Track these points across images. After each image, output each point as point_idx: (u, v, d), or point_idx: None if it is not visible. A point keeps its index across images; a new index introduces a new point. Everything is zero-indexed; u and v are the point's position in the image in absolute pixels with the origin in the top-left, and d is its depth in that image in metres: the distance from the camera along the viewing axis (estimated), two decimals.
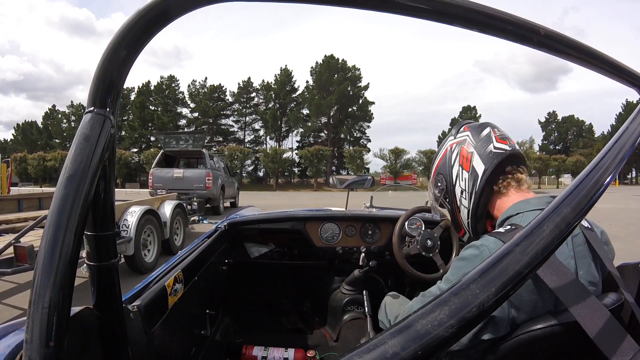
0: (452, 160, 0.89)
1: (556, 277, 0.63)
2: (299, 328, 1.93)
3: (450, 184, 0.89)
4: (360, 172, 31.79)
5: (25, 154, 34.91)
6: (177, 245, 4.90)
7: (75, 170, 0.39)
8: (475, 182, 0.83)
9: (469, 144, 0.86)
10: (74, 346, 0.56)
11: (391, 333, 0.32)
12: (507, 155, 0.81)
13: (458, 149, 0.88)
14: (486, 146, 0.83)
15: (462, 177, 0.86)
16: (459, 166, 0.86)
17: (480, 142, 0.84)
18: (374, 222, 1.85)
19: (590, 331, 0.57)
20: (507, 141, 0.83)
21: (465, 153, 0.86)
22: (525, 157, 0.86)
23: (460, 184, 0.86)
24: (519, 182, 0.82)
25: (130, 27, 0.39)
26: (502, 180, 0.82)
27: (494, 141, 0.83)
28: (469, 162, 0.84)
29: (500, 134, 0.85)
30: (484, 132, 0.85)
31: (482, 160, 0.82)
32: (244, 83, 43.26)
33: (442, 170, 0.91)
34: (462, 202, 0.87)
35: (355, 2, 0.39)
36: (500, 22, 0.41)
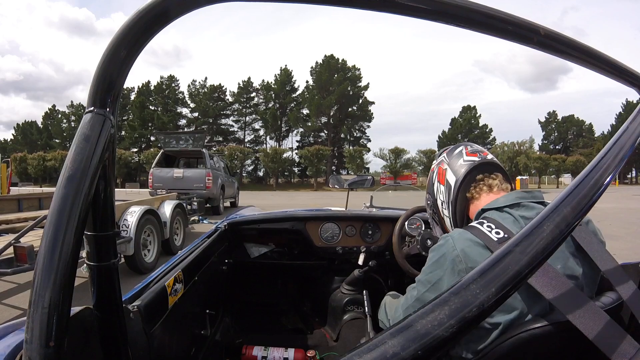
0: (433, 179, 1.02)
1: (546, 280, 0.63)
2: (299, 328, 1.93)
3: (434, 200, 1.02)
4: (360, 172, 31.83)
5: (25, 154, 34.91)
6: (177, 245, 4.90)
7: (75, 170, 0.39)
8: (450, 192, 0.94)
9: (443, 162, 0.99)
10: (74, 346, 0.56)
11: (391, 333, 0.32)
12: (476, 165, 0.91)
13: (437, 169, 1.01)
14: (457, 161, 0.95)
15: (440, 190, 0.98)
16: (437, 182, 1.00)
17: (453, 158, 0.96)
18: (374, 222, 1.85)
19: (589, 333, 0.57)
20: (477, 154, 0.94)
21: (441, 170, 0.99)
22: (499, 165, 0.94)
23: (440, 197, 0.99)
24: (490, 186, 0.90)
25: (130, 27, 0.39)
26: (474, 187, 0.91)
27: (464, 156, 0.95)
28: (444, 176, 0.97)
29: (472, 149, 0.96)
30: (457, 150, 0.98)
31: (454, 172, 0.94)
32: (244, 83, 43.26)
33: (429, 191, 1.06)
34: (444, 212, 0.98)
35: (355, 2, 0.39)
36: (500, 22, 0.41)
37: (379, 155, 36.24)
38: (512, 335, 0.66)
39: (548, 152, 41.11)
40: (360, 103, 41.46)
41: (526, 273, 0.36)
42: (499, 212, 0.80)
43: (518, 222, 0.75)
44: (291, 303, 2.05)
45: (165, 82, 42.87)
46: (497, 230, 0.73)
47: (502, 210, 0.80)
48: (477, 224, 0.77)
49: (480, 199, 0.89)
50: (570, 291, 0.63)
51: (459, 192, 0.91)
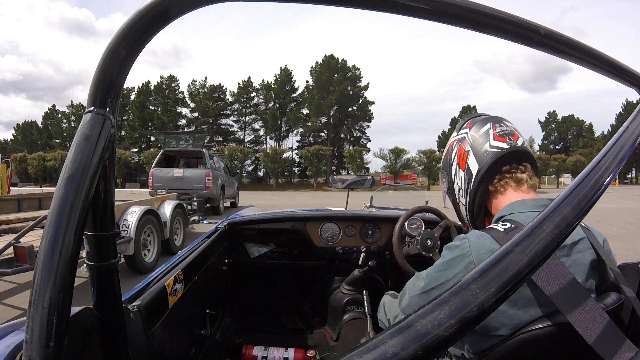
0: (452, 158, 0.89)
1: (554, 281, 0.62)
2: (299, 328, 1.93)
3: (450, 182, 0.90)
4: (360, 172, 31.81)
5: (25, 154, 34.90)
6: (177, 245, 4.90)
7: (75, 170, 0.39)
8: (470, 181, 0.82)
9: (467, 142, 0.84)
10: (74, 346, 0.56)
11: (391, 333, 0.32)
12: (504, 154, 0.79)
13: (457, 147, 0.87)
14: (482, 144, 0.81)
15: (459, 175, 0.86)
16: (457, 165, 0.87)
17: (478, 139, 0.82)
18: (374, 222, 1.85)
19: (587, 335, 0.56)
20: (506, 138, 0.80)
21: (462, 151, 0.85)
22: (530, 153, 0.82)
23: (457, 182, 0.87)
24: (518, 181, 0.79)
25: (130, 27, 0.39)
26: (499, 179, 0.80)
27: (491, 139, 0.81)
28: (465, 161, 0.84)
29: (501, 131, 0.81)
30: (483, 128, 0.83)
31: (477, 159, 0.81)
32: (244, 83, 43.25)
33: (444, 168, 0.92)
34: (460, 199, 0.88)
35: (355, 2, 0.39)
36: (500, 22, 0.41)
37: (379, 155, 36.24)
38: (513, 336, 0.66)
39: (548, 152, 41.10)
40: (360, 103, 41.45)
41: (526, 273, 0.36)
42: (525, 216, 0.73)
43: None
44: (291, 303, 2.05)
45: (165, 82, 42.86)
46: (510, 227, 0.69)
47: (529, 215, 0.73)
48: (498, 227, 0.70)
49: (506, 194, 0.79)
50: (573, 288, 0.62)
51: (481, 182, 0.80)
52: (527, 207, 0.75)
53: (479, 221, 0.87)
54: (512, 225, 0.69)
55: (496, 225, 0.71)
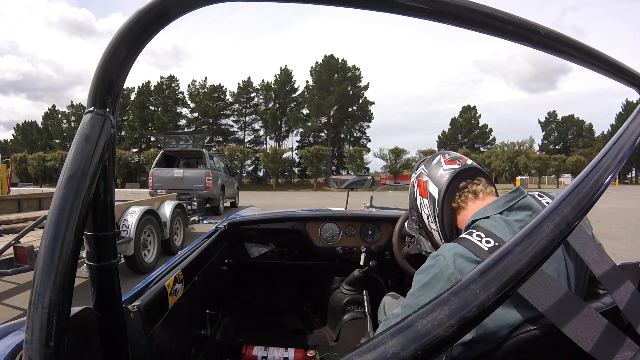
0: (415, 193, 0.98)
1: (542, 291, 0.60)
2: (299, 328, 1.93)
3: (419, 215, 0.97)
4: (360, 172, 31.83)
5: (25, 154, 34.93)
6: (177, 245, 4.90)
7: (75, 170, 0.39)
8: (435, 204, 0.89)
9: (423, 174, 0.95)
10: (74, 346, 0.56)
11: (391, 333, 0.32)
12: (457, 172, 0.87)
13: (417, 182, 0.97)
14: (437, 171, 0.90)
15: (424, 204, 0.94)
16: (420, 196, 0.95)
17: (432, 169, 0.92)
18: (374, 222, 1.85)
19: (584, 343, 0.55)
20: (456, 161, 0.90)
21: (421, 183, 0.95)
22: (480, 168, 0.90)
23: (424, 211, 0.94)
24: (476, 193, 0.86)
25: (130, 27, 0.39)
26: (459, 196, 0.87)
27: (443, 165, 0.90)
28: (426, 189, 0.92)
29: (450, 157, 0.92)
30: (434, 160, 0.94)
31: (435, 184, 0.90)
32: (244, 83, 43.26)
33: (412, 205, 1.01)
34: (431, 226, 0.94)
35: (355, 2, 0.39)
36: (500, 22, 0.41)
37: (379, 155, 36.29)
38: (513, 336, 0.66)
39: (548, 152, 41.13)
40: (360, 103, 41.47)
41: (526, 273, 0.36)
42: (489, 220, 0.77)
43: (511, 227, 0.73)
44: (291, 303, 2.05)
45: (165, 82, 42.88)
46: (487, 239, 0.71)
47: (493, 217, 0.77)
48: (467, 235, 0.74)
49: (467, 208, 0.85)
50: (565, 297, 0.60)
51: (444, 203, 0.87)
52: (488, 211, 0.79)
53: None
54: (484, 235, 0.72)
55: (469, 236, 0.73)
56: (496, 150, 36.65)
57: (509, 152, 35.48)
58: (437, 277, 0.71)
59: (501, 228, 0.73)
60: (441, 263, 0.72)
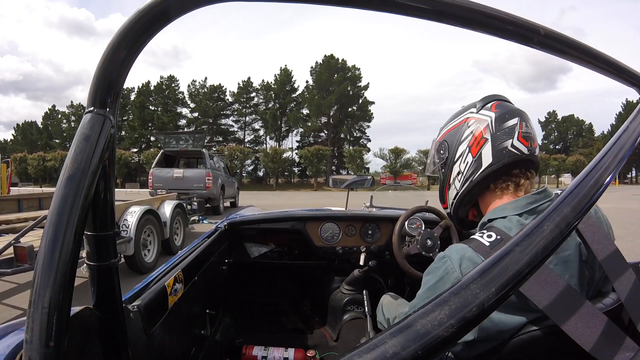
0: (463, 136, 0.80)
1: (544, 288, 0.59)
2: (299, 328, 1.93)
3: (451, 159, 0.82)
4: (360, 172, 31.80)
5: (25, 154, 34.92)
6: (177, 245, 4.90)
7: (75, 170, 0.39)
8: (476, 171, 0.77)
9: (488, 128, 0.76)
10: (74, 346, 0.56)
11: (391, 333, 0.32)
12: (521, 159, 0.74)
13: (474, 128, 0.79)
14: (504, 140, 0.74)
15: (465, 159, 0.79)
16: (467, 147, 0.79)
17: (501, 132, 0.75)
18: (374, 221, 1.85)
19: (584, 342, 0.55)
20: (529, 142, 0.75)
21: (479, 136, 0.77)
22: (539, 164, 0.79)
23: (460, 165, 0.80)
24: (518, 185, 0.77)
25: (130, 27, 0.39)
26: (503, 181, 0.77)
27: (515, 137, 0.74)
28: (479, 148, 0.76)
29: (526, 132, 0.75)
30: (510, 122, 0.75)
31: (493, 152, 0.75)
32: (244, 83, 43.26)
33: (449, 140, 0.84)
34: (454, 182, 0.82)
35: (355, 2, 0.39)
36: (500, 22, 0.41)
37: (379, 155, 36.28)
38: (513, 337, 0.65)
39: (548, 151, 41.09)
40: (360, 103, 41.47)
41: (526, 273, 0.36)
42: (505, 220, 0.71)
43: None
44: (291, 303, 2.05)
45: (165, 82, 42.87)
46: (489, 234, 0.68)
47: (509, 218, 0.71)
48: (478, 236, 0.69)
49: (502, 198, 0.77)
50: (566, 294, 0.60)
51: (487, 178, 0.76)
52: (506, 211, 0.73)
53: (462, 209, 0.84)
54: (499, 237, 0.68)
55: (480, 237, 0.69)
56: None
57: None
58: (444, 280, 0.68)
59: (515, 231, 0.66)
60: (447, 266, 0.69)
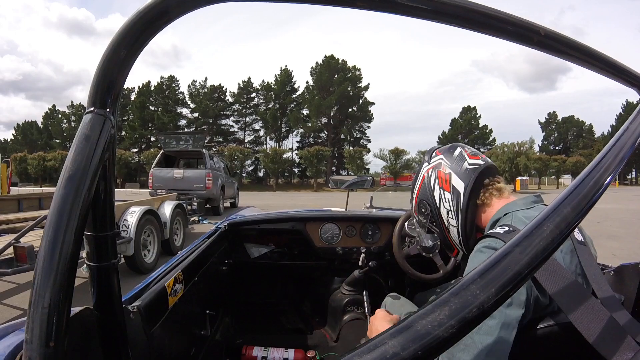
0: (432, 184, 0.92)
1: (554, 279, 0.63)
2: (299, 328, 1.93)
3: (435, 208, 0.91)
4: (360, 173, 31.81)
5: (25, 154, 34.94)
6: (177, 245, 4.89)
7: (75, 170, 0.39)
8: (459, 199, 0.86)
9: (445, 165, 0.89)
10: (74, 346, 0.56)
11: (391, 333, 0.32)
12: (483, 168, 0.85)
13: (435, 173, 0.91)
14: (461, 164, 0.87)
15: (445, 198, 0.88)
16: (440, 188, 0.89)
17: (455, 162, 0.88)
18: (374, 222, 1.85)
19: (588, 334, 0.57)
20: (478, 156, 0.88)
21: (443, 175, 0.89)
22: (497, 168, 0.90)
23: (444, 205, 0.89)
24: (500, 191, 0.85)
25: (130, 27, 0.39)
26: (483, 193, 0.85)
27: (467, 159, 0.87)
28: (449, 182, 0.87)
29: (471, 151, 0.89)
30: (456, 152, 0.89)
31: (461, 178, 0.86)
32: (244, 83, 43.30)
33: (423, 197, 0.94)
34: (450, 222, 0.89)
35: (355, 2, 0.39)
36: (500, 22, 0.41)
37: (379, 155, 36.31)
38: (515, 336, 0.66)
39: (548, 152, 41.13)
40: (361, 103, 41.49)
41: (526, 273, 0.36)
42: (517, 215, 0.77)
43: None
44: (291, 303, 2.05)
45: (165, 83, 42.91)
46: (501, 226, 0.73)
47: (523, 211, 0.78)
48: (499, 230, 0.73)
49: (492, 205, 0.84)
50: (574, 286, 0.63)
51: (470, 198, 0.84)
52: (518, 205, 0.80)
53: (471, 240, 0.89)
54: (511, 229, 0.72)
55: (495, 230, 0.73)
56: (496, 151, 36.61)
57: (509, 153, 35.42)
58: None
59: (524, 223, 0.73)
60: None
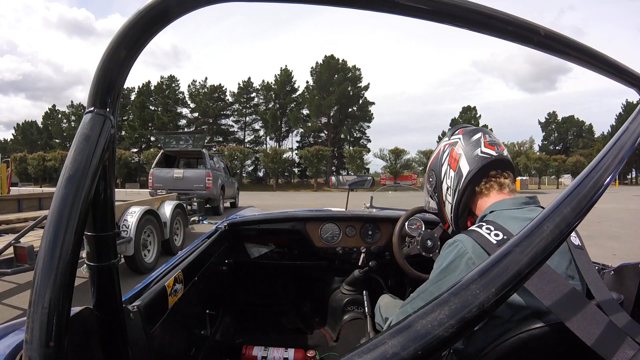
0: (443, 159, 0.95)
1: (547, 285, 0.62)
2: (299, 328, 1.93)
3: (439, 181, 0.96)
4: (360, 173, 31.81)
5: (25, 154, 34.93)
6: (177, 245, 4.89)
7: (75, 170, 0.39)
8: (460, 181, 0.89)
9: (459, 146, 0.92)
10: (74, 346, 0.56)
11: (391, 333, 0.32)
12: (492, 160, 0.87)
13: (449, 150, 0.94)
14: (474, 150, 0.89)
15: (449, 175, 0.92)
16: (448, 165, 0.93)
17: (469, 145, 0.90)
18: (374, 222, 1.85)
19: (586, 337, 0.57)
20: (495, 147, 0.89)
21: (454, 154, 0.92)
22: (512, 163, 0.91)
23: (446, 182, 0.93)
24: (501, 185, 0.87)
25: (130, 27, 0.39)
26: (485, 182, 0.87)
27: (482, 146, 0.89)
28: (457, 162, 0.91)
29: (490, 140, 0.90)
30: (475, 136, 0.91)
31: (468, 162, 0.88)
32: (244, 83, 43.27)
33: (433, 167, 0.99)
34: (447, 197, 0.94)
35: (355, 2, 0.39)
36: (500, 22, 0.41)
37: (379, 155, 36.32)
38: (512, 336, 0.66)
39: (548, 152, 41.10)
40: (361, 103, 41.48)
41: (526, 273, 0.36)
42: (505, 212, 0.79)
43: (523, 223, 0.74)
44: (291, 303, 2.05)
45: (165, 82, 42.89)
46: (496, 232, 0.73)
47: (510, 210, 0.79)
48: (476, 228, 0.76)
49: (490, 197, 0.87)
50: (569, 293, 0.62)
51: (470, 183, 0.87)
52: (506, 205, 0.82)
53: (461, 220, 0.93)
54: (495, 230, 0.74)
55: (479, 229, 0.75)
56: None
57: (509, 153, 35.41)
58: (457, 262, 0.74)
59: (514, 223, 0.75)
60: (460, 248, 0.74)
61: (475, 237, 0.74)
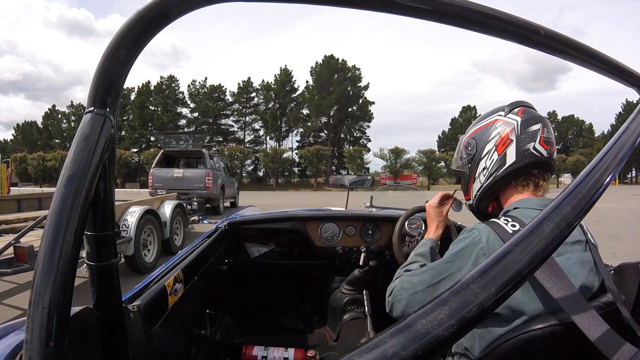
0: (491, 136, 0.87)
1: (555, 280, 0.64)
2: (299, 328, 1.93)
3: (478, 156, 0.89)
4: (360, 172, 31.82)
5: (25, 154, 34.95)
6: (177, 245, 4.89)
7: (75, 170, 0.39)
8: (500, 168, 0.84)
9: (514, 130, 0.84)
10: (74, 346, 0.56)
11: (391, 333, 0.32)
12: (540, 160, 0.82)
13: (501, 129, 0.86)
14: (527, 142, 0.82)
15: (491, 156, 0.86)
16: (494, 146, 0.86)
17: (525, 134, 0.82)
18: (374, 222, 1.85)
19: (590, 333, 0.58)
20: (548, 147, 0.82)
21: (505, 137, 0.84)
22: (555, 167, 0.87)
23: (486, 161, 0.87)
24: (537, 186, 0.84)
25: (130, 28, 0.39)
26: (524, 179, 0.84)
27: (537, 141, 0.81)
28: (505, 147, 0.84)
29: (547, 137, 0.83)
30: (534, 127, 0.83)
31: (517, 153, 0.82)
32: (244, 83, 43.28)
33: (477, 138, 0.91)
34: (480, 176, 0.88)
35: (355, 2, 0.39)
36: (500, 22, 0.41)
37: (379, 155, 36.34)
38: (514, 336, 0.66)
39: None
40: (360, 103, 41.48)
41: (526, 273, 0.36)
42: (526, 212, 0.78)
43: None
44: (291, 303, 2.05)
45: (165, 82, 42.89)
46: (513, 224, 0.72)
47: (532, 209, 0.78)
48: (497, 220, 0.75)
49: (522, 193, 0.84)
50: (575, 290, 0.64)
51: (508, 175, 0.83)
52: (532, 203, 0.80)
53: (484, 202, 0.91)
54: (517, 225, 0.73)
55: (499, 220, 0.75)
56: None
57: None
58: (469, 250, 0.74)
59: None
60: (475, 237, 0.74)
61: (493, 226, 0.73)
